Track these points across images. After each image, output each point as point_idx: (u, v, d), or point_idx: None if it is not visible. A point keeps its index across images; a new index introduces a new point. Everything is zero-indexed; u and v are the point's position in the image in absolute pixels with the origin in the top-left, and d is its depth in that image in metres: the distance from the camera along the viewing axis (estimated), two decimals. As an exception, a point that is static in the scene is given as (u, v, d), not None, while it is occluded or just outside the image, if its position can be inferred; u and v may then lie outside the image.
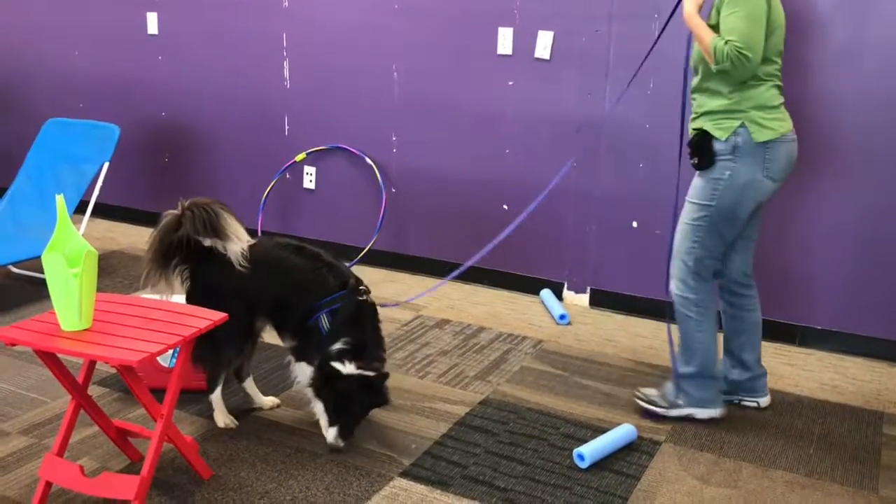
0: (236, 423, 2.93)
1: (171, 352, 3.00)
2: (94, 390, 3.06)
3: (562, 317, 3.98)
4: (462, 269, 3.88)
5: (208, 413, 2.98)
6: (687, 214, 2.92)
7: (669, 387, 3.06)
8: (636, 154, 3.96)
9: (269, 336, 3.82)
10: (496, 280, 4.43)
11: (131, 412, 2.97)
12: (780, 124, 2.79)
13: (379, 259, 4.66)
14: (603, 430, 2.94)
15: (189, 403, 3.04)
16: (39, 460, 2.56)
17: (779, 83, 2.83)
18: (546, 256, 4.26)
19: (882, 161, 3.53)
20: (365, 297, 2.87)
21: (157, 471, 2.59)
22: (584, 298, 4.24)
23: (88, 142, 4.53)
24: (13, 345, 2.26)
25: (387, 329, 3.80)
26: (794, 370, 3.54)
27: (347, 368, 2.69)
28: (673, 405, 3.03)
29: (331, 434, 2.75)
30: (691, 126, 2.89)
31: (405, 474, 2.66)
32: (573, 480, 2.65)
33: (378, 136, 4.57)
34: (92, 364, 2.47)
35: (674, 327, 3.04)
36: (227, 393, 3.18)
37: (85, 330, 2.28)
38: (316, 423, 2.93)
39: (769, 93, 2.77)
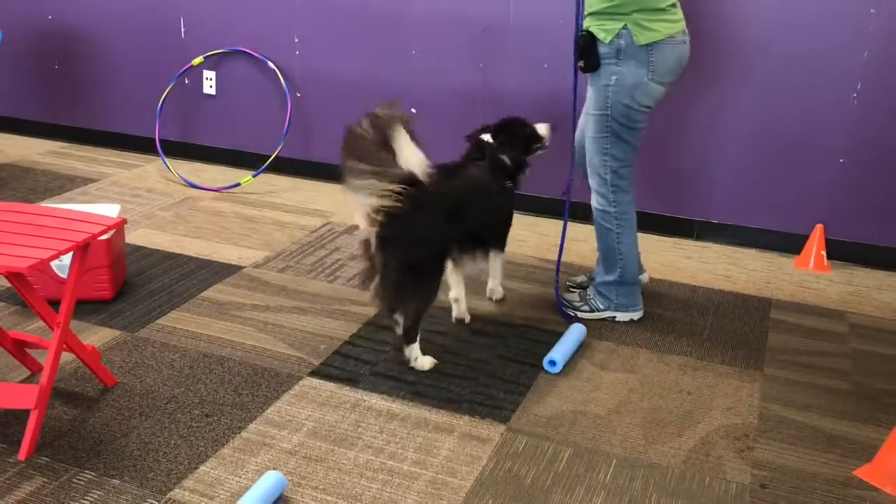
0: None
1: (68, 263, 2.92)
2: (-12, 304, 2.97)
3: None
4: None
5: (111, 322, 2.93)
6: (591, 128, 2.90)
7: (591, 292, 3.13)
8: (542, 54, 3.95)
9: (179, 247, 3.74)
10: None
11: (30, 324, 2.90)
12: (667, 26, 2.74)
13: (285, 166, 4.58)
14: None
15: (90, 314, 2.97)
16: (-68, 375, 2.49)
17: None
18: (454, 159, 4.26)
19: (770, 59, 3.63)
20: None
21: (59, 381, 2.56)
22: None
23: (-34, 46, 4.24)
24: None
25: (296, 235, 3.79)
26: (691, 262, 3.69)
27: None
28: (594, 309, 3.10)
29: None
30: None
31: (315, 373, 2.69)
32: (479, 372, 2.74)
33: (280, 39, 4.42)
34: (-20, 274, 2.38)
35: (585, 232, 3.07)
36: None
37: (-31, 238, 2.19)
38: (225, 328, 2.92)
39: None
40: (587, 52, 2.77)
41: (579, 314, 3.11)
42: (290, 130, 4.48)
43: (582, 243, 3.78)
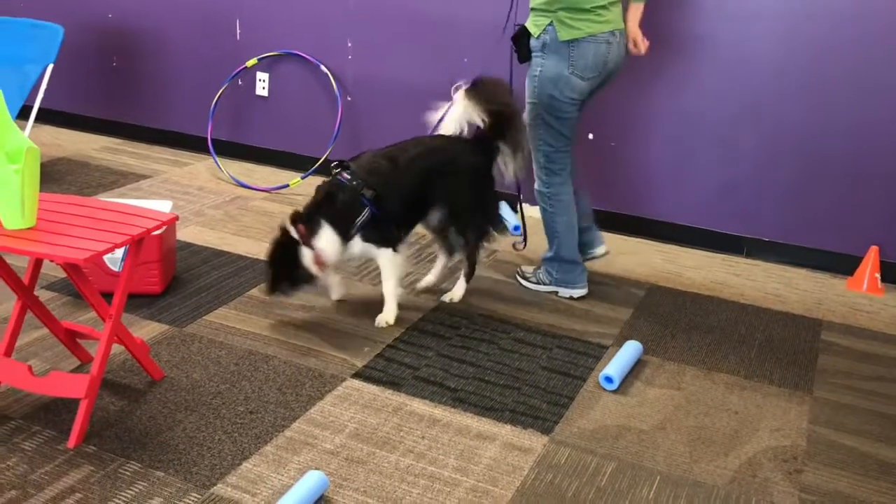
0: None
1: (120, 256, 2.97)
2: (42, 294, 3.03)
3: (515, 228, 4.00)
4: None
5: (159, 317, 2.98)
6: (527, 115, 3.17)
7: (541, 266, 3.40)
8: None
9: (227, 245, 3.78)
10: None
11: (81, 315, 2.95)
12: (590, 25, 2.95)
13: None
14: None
15: (140, 308, 3.02)
16: (-13, 361, 2.54)
17: None
18: (502, 168, 4.25)
19: (825, 77, 3.56)
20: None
21: (108, 372, 2.60)
22: (538, 210, 4.25)
23: (30, 42, 4.35)
24: (-46, 243, 2.20)
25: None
26: (740, 280, 3.63)
27: None
28: (540, 282, 3.36)
29: None
30: None
31: (358, 375, 2.70)
32: (521, 381, 2.72)
33: (333, 43, 4.46)
34: (38, 264, 2.43)
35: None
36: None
37: (29, 229, 2.23)
38: (270, 326, 2.95)
39: None
40: (518, 45, 3.07)
41: (526, 284, 3.38)
42: (339, 134, 4.52)
43: (628, 256, 3.74)
